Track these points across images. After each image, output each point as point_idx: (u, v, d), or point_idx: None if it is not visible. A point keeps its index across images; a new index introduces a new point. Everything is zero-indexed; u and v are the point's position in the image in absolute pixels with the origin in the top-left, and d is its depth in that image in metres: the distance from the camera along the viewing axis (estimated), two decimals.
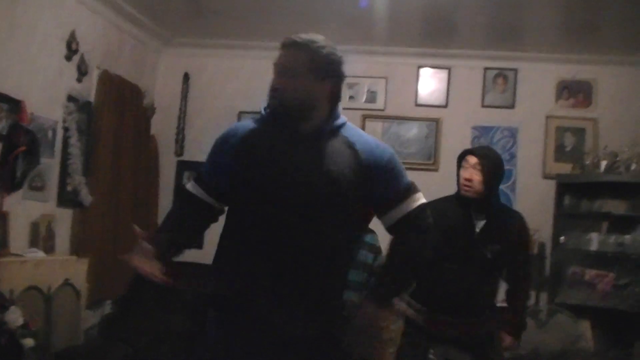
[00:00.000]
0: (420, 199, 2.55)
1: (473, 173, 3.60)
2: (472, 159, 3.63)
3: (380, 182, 2.48)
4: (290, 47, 2.49)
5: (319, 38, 2.54)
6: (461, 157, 3.71)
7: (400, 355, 3.76)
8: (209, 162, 2.62)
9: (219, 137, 2.62)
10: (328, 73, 2.54)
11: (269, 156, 2.45)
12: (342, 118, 2.57)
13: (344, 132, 2.52)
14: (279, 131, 2.49)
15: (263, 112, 2.56)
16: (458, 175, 3.69)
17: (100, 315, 5.75)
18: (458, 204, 3.68)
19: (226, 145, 2.55)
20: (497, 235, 3.63)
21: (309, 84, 2.48)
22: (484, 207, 3.65)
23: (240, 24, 6.16)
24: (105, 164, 5.67)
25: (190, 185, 2.63)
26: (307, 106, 2.47)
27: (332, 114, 2.53)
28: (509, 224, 3.72)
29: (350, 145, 2.48)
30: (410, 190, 2.53)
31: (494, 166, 3.66)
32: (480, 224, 3.65)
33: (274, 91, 2.47)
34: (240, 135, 2.54)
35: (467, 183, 3.60)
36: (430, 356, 3.63)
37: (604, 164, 5.92)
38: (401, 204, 2.50)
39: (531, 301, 5.99)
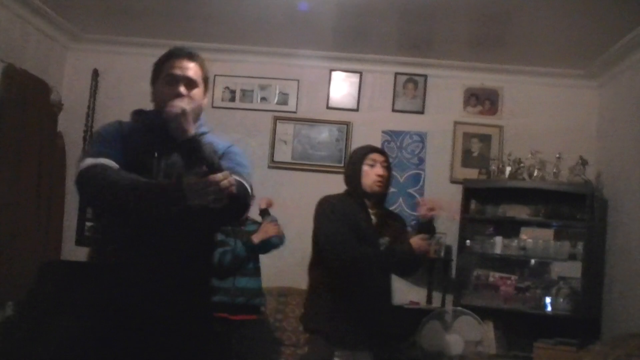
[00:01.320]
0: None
1: (384, 170, 3.76)
2: (380, 157, 3.79)
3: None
4: (190, 58, 2.64)
5: None
6: (365, 154, 3.80)
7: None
8: (105, 145, 2.57)
9: (105, 130, 2.66)
10: (207, 85, 2.72)
11: (147, 160, 2.53)
12: (206, 126, 2.69)
13: (207, 137, 2.60)
14: (159, 135, 2.54)
15: (141, 115, 2.68)
16: (360, 171, 3.76)
17: (2, 318, 5.57)
18: (356, 202, 3.77)
19: (114, 141, 2.57)
20: (387, 228, 3.76)
21: (202, 96, 2.66)
22: (380, 203, 3.82)
23: (149, 23, 6.08)
24: (8, 161, 5.50)
25: (102, 161, 2.48)
26: (198, 115, 2.62)
27: (201, 120, 2.66)
28: (394, 219, 3.92)
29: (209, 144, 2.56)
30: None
31: (390, 166, 3.88)
32: (374, 217, 3.77)
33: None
34: (127, 130, 2.62)
35: (380, 179, 3.73)
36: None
37: (508, 170, 6.09)
38: None
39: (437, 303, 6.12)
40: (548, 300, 5.87)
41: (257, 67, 6.65)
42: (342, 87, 6.65)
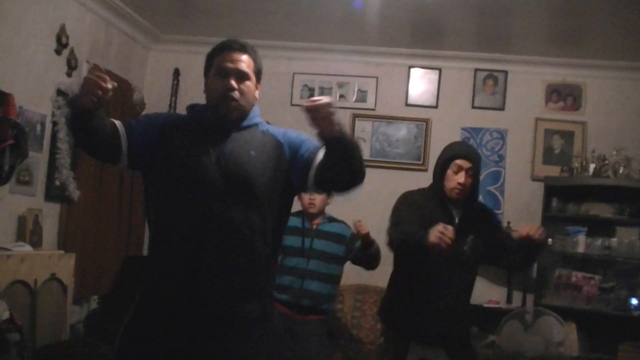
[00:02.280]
0: None
1: (466, 177, 3.63)
2: (466, 164, 3.65)
3: (300, 147, 2.58)
4: (241, 50, 2.63)
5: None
6: (451, 159, 3.69)
7: (381, 354, 3.81)
8: (139, 123, 2.65)
9: (156, 113, 2.88)
10: (260, 77, 2.69)
11: (195, 146, 2.56)
12: (259, 118, 2.71)
13: (260, 126, 2.68)
14: (208, 124, 2.63)
15: (194, 109, 2.75)
16: (444, 175, 3.69)
17: (87, 311, 5.73)
18: (435, 199, 3.71)
19: (158, 120, 2.71)
20: (473, 226, 3.67)
21: (254, 88, 2.65)
22: (464, 202, 3.71)
23: (229, 22, 6.15)
24: (91, 159, 5.64)
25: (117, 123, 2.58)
26: (250, 109, 2.65)
27: (253, 112, 2.68)
28: (482, 216, 3.80)
29: (265, 133, 2.64)
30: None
31: (480, 168, 3.77)
32: (457, 216, 3.68)
33: (237, 95, 2.57)
34: (172, 120, 2.76)
35: (460, 187, 3.63)
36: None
37: (592, 167, 5.94)
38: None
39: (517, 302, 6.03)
40: (634, 301, 5.71)
41: (335, 64, 6.66)
42: (420, 84, 6.61)
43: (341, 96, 6.65)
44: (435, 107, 6.56)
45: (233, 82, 2.56)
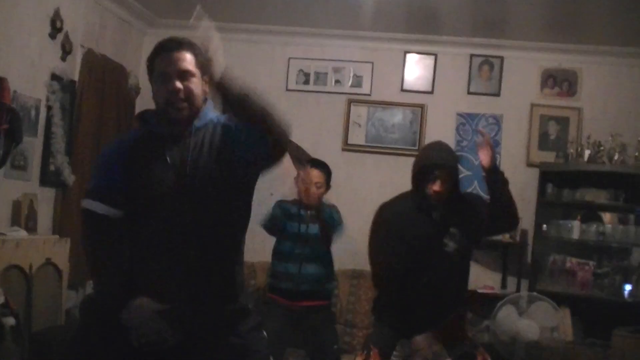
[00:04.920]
0: None
1: (443, 185, 3.57)
2: (442, 171, 3.57)
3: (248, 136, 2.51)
4: (178, 49, 2.54)
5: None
6: (427, 169, 3.60)
7: (369, 341, 3.80)
8: (103, 176, 2.57)
9: (106, 152, 2.69)
10: (207, 70, 2.51)
11: (162, 163, 2.51)
12: (213, 112, 2.62)
13: (216, 120, 2.60)
14: (165, 135, 2.55)
15: (144, 120, 2.62)
16: (420, 182, 3.61)
17: (83, 296, 5.73)
18: (414, 204, 3.66)
19: (118, 159, 2.56)
20: (456, 220, 3.63)
21: (202, 82, 2.55)
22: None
23: (224, 7, 6.11)
24: (88, 143, 5.64)
25: (97, 207, 2.51)
26: (200, 106, 2.56)
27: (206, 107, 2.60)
28: (467, 207, 3.73)
29: (221, 126, 2.57)
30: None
31: (458, 169, 3.71)
32: (437, 214, 3.65)
33: (183, 98, 2.50)
34: (129, 146, 2.58)
35: (437, 195, 3.57)
36: (395, 352, 3.64)
37: (587, 153, 5.95)
38: None
39: (512, 288, 6.05)
40: (627, 287, 5.73)
41: (331, 49, 6.64)
42: (416, 70, 6.59)
43: (337, 81, 6.64)
44: (431, 92, 6.55)
45: (177, 84, 2.48)
